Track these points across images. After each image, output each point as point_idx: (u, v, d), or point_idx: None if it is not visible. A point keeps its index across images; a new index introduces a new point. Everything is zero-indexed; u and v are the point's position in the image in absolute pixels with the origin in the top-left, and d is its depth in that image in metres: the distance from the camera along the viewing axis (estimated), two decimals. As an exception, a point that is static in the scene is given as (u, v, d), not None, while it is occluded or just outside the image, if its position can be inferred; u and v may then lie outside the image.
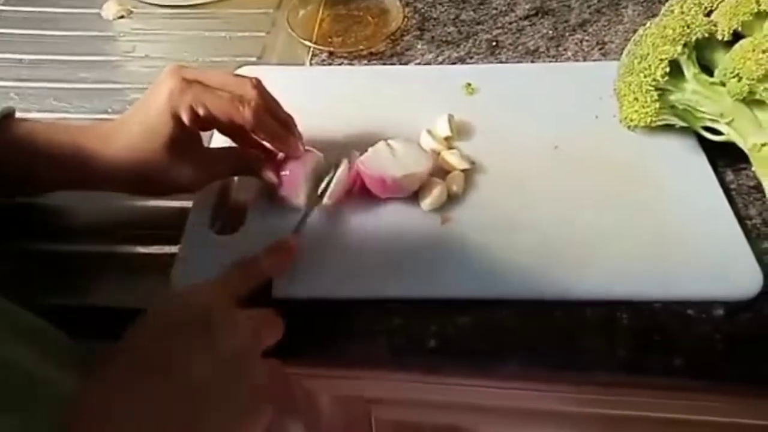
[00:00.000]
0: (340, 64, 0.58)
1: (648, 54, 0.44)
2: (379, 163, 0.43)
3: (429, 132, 0.48)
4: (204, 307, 0.32)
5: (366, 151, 0.44)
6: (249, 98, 0.39)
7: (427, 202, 0.44)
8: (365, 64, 0.58)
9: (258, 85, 0.40)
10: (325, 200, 0.43)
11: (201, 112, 0.39)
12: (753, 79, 0.41)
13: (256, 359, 0.32)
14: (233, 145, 0.45)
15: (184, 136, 0.40)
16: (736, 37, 0.44)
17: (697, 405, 0.41)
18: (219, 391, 0.30)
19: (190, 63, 0.60)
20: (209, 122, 0.40)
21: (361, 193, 0.44)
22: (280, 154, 0.44)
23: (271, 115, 0.41)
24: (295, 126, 0.43)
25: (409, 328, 0.39)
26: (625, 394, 0.40)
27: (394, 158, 0.44)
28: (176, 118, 0.39)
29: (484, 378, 0.40)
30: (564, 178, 0.46)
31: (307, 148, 0.44)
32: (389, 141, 0.45)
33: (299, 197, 0.43)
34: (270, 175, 0.42)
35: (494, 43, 0.60)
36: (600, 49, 0.58)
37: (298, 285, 0.40)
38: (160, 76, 0.39)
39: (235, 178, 0.47)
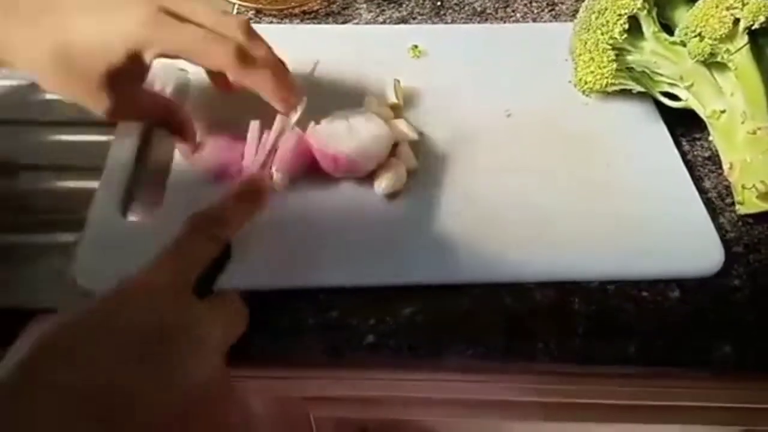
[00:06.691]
0: (269, 23, 0.52)
1: (606, 9, 0.41)
2: (333, 137, 0.38)
3: (372, 99, 0.43)
4: (149, 313, 0.22)
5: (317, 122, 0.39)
6: (230, 38, 0.32)
7: (382, 185, 0.38)
8: (297, 24, 0.52)
9: (245, 23, 0.34)
10: (274, 175, 0.37)
11: (171, 54, 0.32)
12: (715, 39, 0.38)
13: (228, 381, 0.24)
14: None
15: (131, 70, 0.33)
16: (699, -8, 0.41)
17: (653, 391, 0.38)
18: None
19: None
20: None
21: (308, 168, 0.39)
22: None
23: (264, 63, 0.34)
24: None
25: (345, 321, 0.34)
26: (575, 382, 0.37)
27: (351, 133, 0.38)
28: (134, 55, 0.32)
29: (428, 372, 0.37)
30: (516, 149, 0.42)
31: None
32: (346, 112, 0.40)
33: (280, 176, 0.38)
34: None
35: (438, 3, 0.55)
36: (551, 10, 0.55)
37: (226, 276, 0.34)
38: None
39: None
